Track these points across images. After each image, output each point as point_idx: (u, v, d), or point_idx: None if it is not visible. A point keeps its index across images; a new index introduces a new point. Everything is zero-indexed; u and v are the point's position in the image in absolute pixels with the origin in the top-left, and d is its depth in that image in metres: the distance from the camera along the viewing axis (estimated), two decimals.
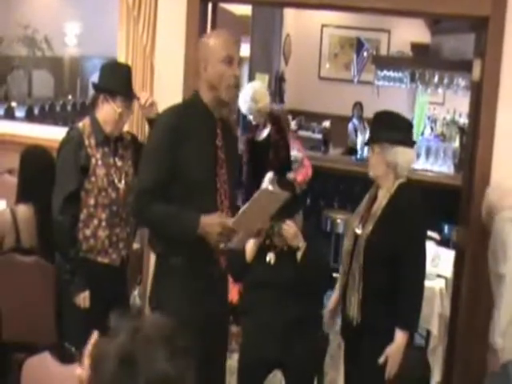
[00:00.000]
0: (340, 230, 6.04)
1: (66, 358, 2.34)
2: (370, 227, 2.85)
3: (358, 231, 2.90)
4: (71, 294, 3.09)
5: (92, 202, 3.11)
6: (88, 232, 3.11)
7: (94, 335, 1.46)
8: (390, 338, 2.81)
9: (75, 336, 3.06)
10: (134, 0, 4.07)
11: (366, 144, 3.08)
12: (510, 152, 3.46)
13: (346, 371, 3.16)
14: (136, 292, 4.17)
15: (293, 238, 3.20)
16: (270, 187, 2.79)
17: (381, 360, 2.80)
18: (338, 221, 5.98)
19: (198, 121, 2.66)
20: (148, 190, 2.58)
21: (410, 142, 2.95)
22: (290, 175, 4.66)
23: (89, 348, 1.43)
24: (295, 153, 5.00)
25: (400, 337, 2.80)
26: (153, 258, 4.01)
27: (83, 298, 3.08)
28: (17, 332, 3.37)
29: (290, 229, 3.19)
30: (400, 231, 2.78)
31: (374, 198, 2.96)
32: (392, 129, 2.88)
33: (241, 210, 2.53)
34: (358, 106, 8.63)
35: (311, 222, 5.36)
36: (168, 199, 2.58)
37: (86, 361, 1.42)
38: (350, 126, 8.54)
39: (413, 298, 2.83)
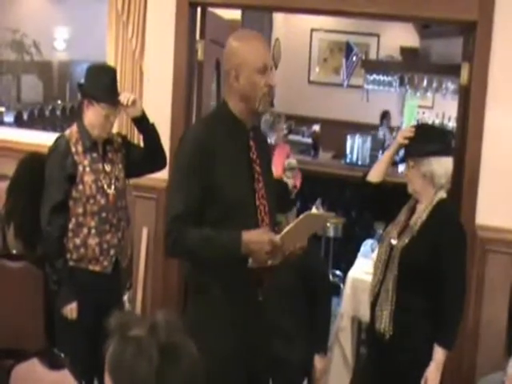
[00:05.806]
0: (330, 233, 6.05)
1: (55, 364, 2.33)
2: (406, 240, 2.81)
3: (394, 242, 2.85)
4: (59, 305, 3.08)
5: (80, 210, 3.08)
6: (78, 241, 3.09)
7: None
8: (422, 354, 2.75)
9: (67, 343, 3.06)
10: (123, 4, 4.09)
11: (402, 161, 3.02)
12: (498, 155, 3.48)
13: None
14: (125, 297, 4.16)
15: None
16: (315, 210, 2.71)
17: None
18: (328, 224, 5.98)
19: (229, 135, 2.44)
20: (179, 217, 2.34)
21: (444, 152, 2.86)
22: (290, 182, 4.67)
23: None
24: (291, 160, 5.03)
25: (439, 354, 2.74)
26: (142, 260, 4.05)
27: (70, 310, 3.06)
28: (5, 338, 3.35)
29: None
30: (439, 249, 2.74)
31: (413, 210, 2.91)
32: (424, 141, 2.84)
33: (287, 228, 2.38)
34: (388, 115, 8.26)
35: None
36: (203, 224, 2.36)
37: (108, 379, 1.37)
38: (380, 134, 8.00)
39: (454, 315, 2.78)
